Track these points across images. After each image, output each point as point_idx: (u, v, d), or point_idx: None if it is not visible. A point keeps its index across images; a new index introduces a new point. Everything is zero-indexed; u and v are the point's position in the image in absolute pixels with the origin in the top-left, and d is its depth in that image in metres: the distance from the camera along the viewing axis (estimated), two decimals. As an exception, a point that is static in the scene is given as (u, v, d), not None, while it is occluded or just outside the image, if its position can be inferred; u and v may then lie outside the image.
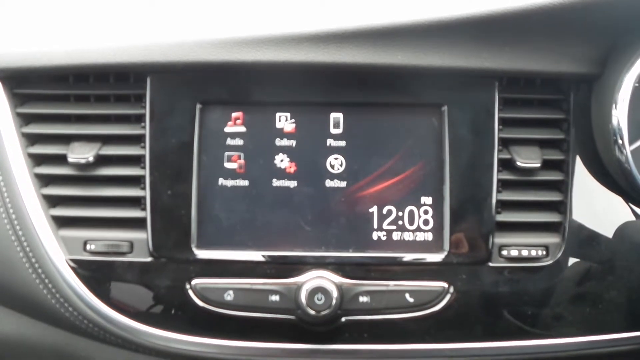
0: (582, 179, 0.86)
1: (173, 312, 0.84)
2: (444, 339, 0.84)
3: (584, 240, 0.85)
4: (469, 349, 0.84)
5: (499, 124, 0.85)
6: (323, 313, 0.80)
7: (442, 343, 0.84)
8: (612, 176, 0.85)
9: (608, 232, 0.85)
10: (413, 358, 0.85)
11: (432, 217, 0.84)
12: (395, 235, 0.84)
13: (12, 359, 0.96)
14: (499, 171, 0.84)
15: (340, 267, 0.83)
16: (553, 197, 0.85)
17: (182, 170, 0.84)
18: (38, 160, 0.87)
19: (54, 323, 0.90)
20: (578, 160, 0.86)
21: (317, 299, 0.80)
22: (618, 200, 0.86)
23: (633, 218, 0.86)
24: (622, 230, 0.85)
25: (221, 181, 0.85)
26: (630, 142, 0.83)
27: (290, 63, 0.82)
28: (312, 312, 0.80)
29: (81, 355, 0.92)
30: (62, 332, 0.90)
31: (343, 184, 0.85)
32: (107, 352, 0.90)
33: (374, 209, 0.84)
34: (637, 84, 0.84)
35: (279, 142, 0.85)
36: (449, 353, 0.84)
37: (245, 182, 0.85)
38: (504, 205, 0.85)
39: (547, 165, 0.85)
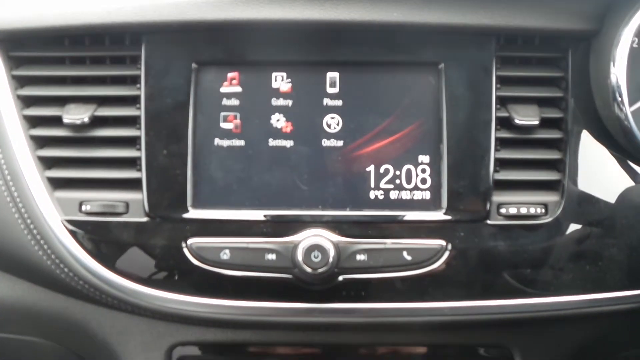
0: (581, 137, 0.85)
1: (169, 271, 0.84)
2: (441, 297, 0.83)
3: (583, 198, 0.84)
4: (467, 307, 0.83)
5: (496, 83, 0.84)
6: (320, 271, 0.79)
7: (440, 301, 0.83)
8: (611, 134, 0.85)
9: (607, 190, 0.84)
10: (411, 317, 0.84)
11: (429, 175, 0.83)
12: (393, 194, 0.83)
13: (8, 322, 0.95)
14: (497, 129, 0.84)
15: (337, 225, 0.82)
16: (552, 155, 0.85)
17: (178, 130, 0.83)
18: (33, 122, 0.87)
19: (49, 285, 0.89)
20: (577, 118, 0.85)
21: (314, 256, 0.79)
22: (617, 158, 0.86)
23: (632, 176, 0.85)
24: (622, 189, 0.84)
25: (217, 141, 0.84)
26: (630, 101, 0.82)
27: (285, 21, 0.82)
28: (309, 269, 0.79)
29: (77, 319, 0.91)
30: (58, 295, 0.90)
31: (340, 143, 0.84)
32: (103, 314, 0.90)
33: (371, 168, 0.84)
34: (635, 45, 0.84)
35: (275, 101, 0.85)
36: (447, 311, 0.83)
37: (241, 142, 0.84)
38: (502, 164, 0.84)
39: (545, 123, 0.84)
